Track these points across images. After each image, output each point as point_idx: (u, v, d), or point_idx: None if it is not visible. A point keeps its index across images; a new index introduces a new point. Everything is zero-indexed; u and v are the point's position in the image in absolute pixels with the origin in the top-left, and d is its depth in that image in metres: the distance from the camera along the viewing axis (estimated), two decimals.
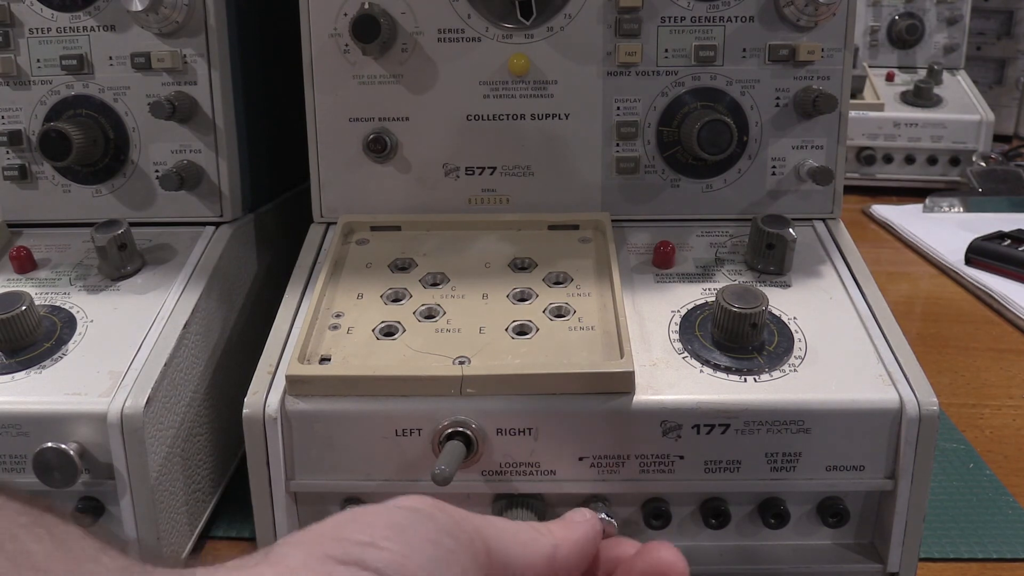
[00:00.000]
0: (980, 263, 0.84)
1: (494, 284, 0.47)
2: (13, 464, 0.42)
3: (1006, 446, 0.58)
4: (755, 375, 0.41)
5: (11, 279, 0.50)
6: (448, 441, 0.39)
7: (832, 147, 0.53)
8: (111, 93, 0.53)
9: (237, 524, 0.49)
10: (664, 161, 0.53)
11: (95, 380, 0.43)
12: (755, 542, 0.44)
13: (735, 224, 0.53)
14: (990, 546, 0.48)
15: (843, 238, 0.52)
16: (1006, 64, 1.27)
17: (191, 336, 0.47)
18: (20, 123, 0.53)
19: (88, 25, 0.52)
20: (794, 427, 0.40)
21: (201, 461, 0.48)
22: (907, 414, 0.40)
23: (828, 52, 0.51)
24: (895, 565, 0.42)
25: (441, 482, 0.36)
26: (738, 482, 0.41)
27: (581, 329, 0.44)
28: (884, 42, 1.15)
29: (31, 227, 0.55)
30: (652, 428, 0.40)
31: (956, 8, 1.14)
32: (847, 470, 0.41)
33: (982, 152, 1.08)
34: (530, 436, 0.40)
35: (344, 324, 0.44)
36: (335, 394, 0.40)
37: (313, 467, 0.41)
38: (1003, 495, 0.52)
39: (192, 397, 0.47)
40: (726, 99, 0.52)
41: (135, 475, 0.42)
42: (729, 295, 0.42)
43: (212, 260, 0.51)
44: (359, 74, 0.51)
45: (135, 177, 0.54)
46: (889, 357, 0.43)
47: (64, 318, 0.47)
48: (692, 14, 0.51)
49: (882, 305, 0.46)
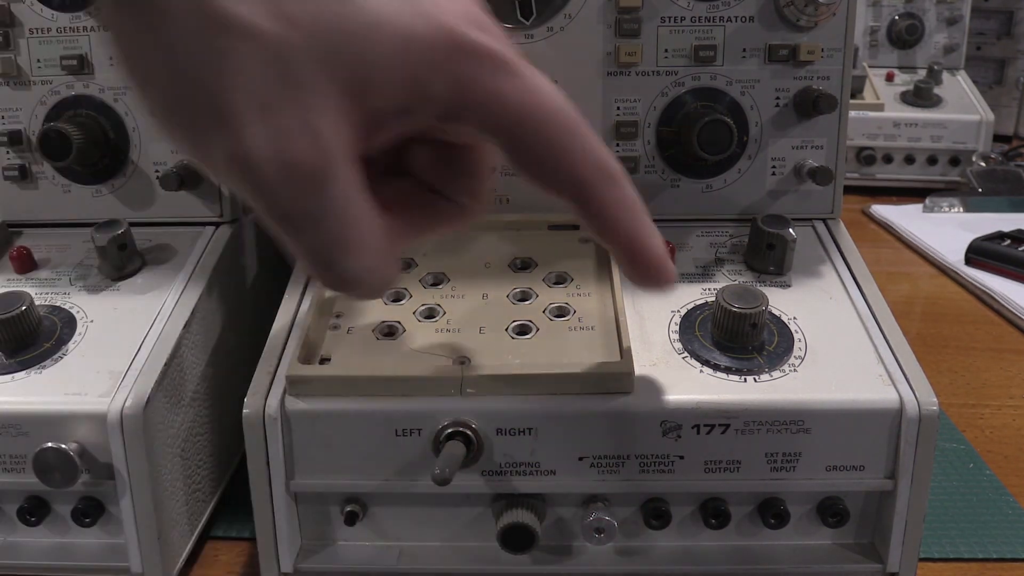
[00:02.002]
0: (980, 263, 0.84)
1: (494, 284, 0.47)
2: (13, 464, 0.42)
3: (1006, 446, 0.58)
4: (755, 375, 0.41)
5: (11, 279, 0.50)
6: (448, 441, 0.39)
7: (832, 147, 0.53)
8: (111, 93, 0.53)
9: (237, 524, 0.50)
10: (664, 161, 0.53)
11: (95, 380, 0.43)
12: (755, 542, 0.44)
13: (735, 224, 0.53)
14: (990, 546, 0.48)
15: (843, 238, 0.52)
16: (1006, 64, 1.27)
17: (191, 336, 0.47)
18: (20, 123, 0.53)
19: (88, 25, 0.52)
20: (794, 427, 0.40)
21: (201, 461, 0.48)
22: (907, 414, 0.40)
23: (828, 52, 0.51)
24: (895, 565, 0.42)
25: (441, 482, 0.36)
26: (738, 482, 0.42)
27: (581, 329, 0.44)
28: (884, 42, 1.15)
29: (31, 227, 0.55)
30: (652, 428, 0.40)
31: (956, 8, 1.14)
32: (847, 470, 0.41)
33: (982, 152, 1.08)
34: (530, 436, 0.40)
35: (344, 324, 0.44)
36: (335, 394, 0.40)
37: (313, 467, 0.41)
38: (1003, 495, 0.52)
39: (192, 397, 0.47)
40: (726, 99, 0.52)
41: (135, 475, 0.42)
42: (729, 295, 0.42)
43: (212, 260, 0.51)
44: None
45: (135, 177, 0.54)
46: (889, 357, 0.43)
47: (64, 318, 0.47)
48: (692, 14, 0.51)
49: (882, 305, 0.46)
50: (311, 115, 0.27)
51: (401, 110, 0.29)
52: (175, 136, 0.28)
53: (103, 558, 0.44)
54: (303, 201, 0.28)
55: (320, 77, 0.26)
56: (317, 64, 0.26)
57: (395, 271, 0.32)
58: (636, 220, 0.34)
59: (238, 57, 0.26)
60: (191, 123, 0.27)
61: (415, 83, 0.28)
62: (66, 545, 0.45)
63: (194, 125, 0.27)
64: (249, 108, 0.26)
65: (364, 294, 0.33)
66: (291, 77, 0.26)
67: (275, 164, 0.27)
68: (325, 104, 0.27)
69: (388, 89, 0.28)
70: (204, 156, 0.28)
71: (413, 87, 0.28)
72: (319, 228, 0.28)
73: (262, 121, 0.26)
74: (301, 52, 0.26)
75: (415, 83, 0.28)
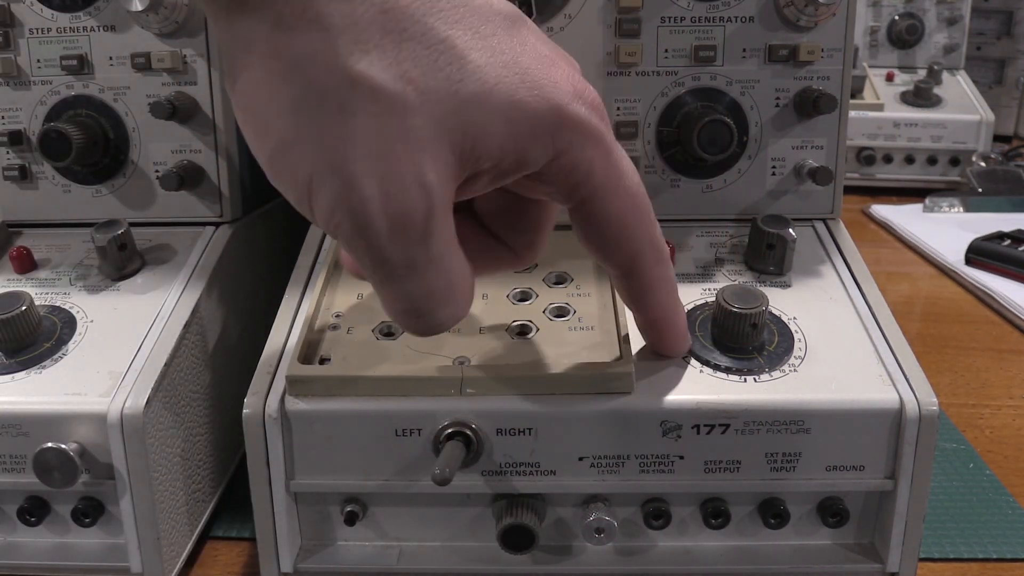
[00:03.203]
0: (980, 263, 0.84)
1: (494, 284, 0.47)
2: (13, 464, 0.42)
3: (1006, 446, 0.58)
4: (755, 375, 0.41)
5: (11, 279, 0.50)
6: (448, 441, 0.39)
7: (832, 147, 0.53)
8: (111, 93, 0.53)
9: (237, 524, 0.50)
10: (664, 161, 0.53)
11: (95, 380, 0.43)
12: (755, 542, 0.44)
13: (735, 224, 0.53)
14: (990, 546, 0.48)
15: (843, 238, 0.52)
16: (1006, 64, 1.27)
17: (191, 336, 0.47)
18: (20, 123, 0.53)
19: (88, 25, 0.52)
20: (794, 427, 0.40)
21: (201, 461, 0.48)
22: (907, 414, 0.40)
23: (828, 52, 0.51)
24: (895, 565, 0.42)
25: (441, 482, 0.36)
26: (738, 482, 0.42)
27: (581, 329, 0.44)
28: (884, 42, 1.15)
29: (31, 227, 0.55)
30: (652, 428, 0.40)
31: (956, 8, 1.14)
32: (847, 470, 0.41)
33: (982, 152, 1.08)
34: (530, 436, 0.40)
35: (344, 324, 0.44)
36: (335, 394, 0.40)
37: (313, 467, 0.41)
38: (1003, 495, 0.52)
39: (192, 397, 0.47)
40: (726, 99, 0.52)
41: (135, 475, 0.42)
42: (729, 295, 0.42)
43: (212, 260, 0.51)
44: None
45: (135, 177, 0.54)
46: (889, 357, 0.43)
47: (64, 318, 0.47)
48: (692, 14, 0.51)
49: (882, 305, 0.46)
50: (423, 170, 0.28)
51: (498, 170, 0.31)
52: (283, 180, 0.30)
53: (103, 558, 0.44)
54: (408, 250, 0.29)
55: (433, 136, 0.28)
56: (432, 124, 0.28)
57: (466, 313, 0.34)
58: (672, 299, 0.38)
59: (363, 112, 0.28)
60: (306, 168, 0.29)
61: (517, 148, 0.30)
62: (66, 545, 0.45)
63: (308, 170, 0.28)
64: (367, 159, 0.28)
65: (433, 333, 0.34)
66: (407, 133, 0.28)
67: (386, 213, 0.28)
68: (436, 161, 0.29)
69: (493, 151, 0.30)
70: (308, 200, 0.29)
71: (515, 152, 0.30)
72: (418, 277, 0.30)
73: (377, 172, 0.28)
74: (418, 112, 0.28)
75: (517, 148, 0.30)
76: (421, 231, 0.29)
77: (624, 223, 0.34)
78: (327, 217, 0.29)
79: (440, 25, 0.29)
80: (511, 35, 0.30)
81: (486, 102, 0.29)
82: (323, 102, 0.28)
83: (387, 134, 0.28)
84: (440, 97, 0.28)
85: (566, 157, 0.31)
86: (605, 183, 0.32)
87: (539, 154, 0.31)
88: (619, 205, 0.33)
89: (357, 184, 0.28)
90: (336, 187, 0.28)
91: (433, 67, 0.28)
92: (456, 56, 0.29)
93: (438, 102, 0.28)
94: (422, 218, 0.29)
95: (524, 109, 0.30)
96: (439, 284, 0.31)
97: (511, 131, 0.30)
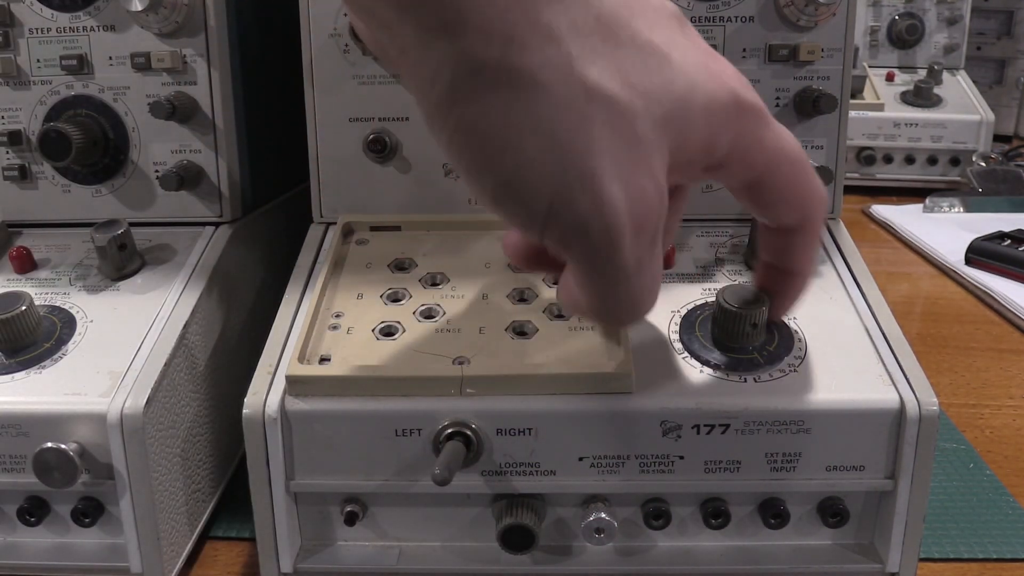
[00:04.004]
0: (980, 263, 0.84)
1: (494, 284, 0.47)
2: (13, 464, 0.42)
3: (1006, 446, 0.58)
4: (755, 375, 0.41)
5: (11, 279, 0.50)
6: (448, 441, 0.39)
7: (832, 147, 0.53)
8: (111, 93, 0.53)
9: (237, 524, 0.49)
10: None
11: (95, 380, 0.43)
12: (755, 542, 0.44)
13: (735, 224, 0.53)
14: (990, 546, 0.48)
15: (843, 238, 0.52)
16: (1006, 64, 1.27)
17: (191, 336, 0.47)
18: (20, 123, 0.53)
19: (88, 25, 0.52)
20: (794, 427, 0.40)
21: (201, 461, 0.48)
22: (907, 414, 0.40)
23: (828, 52, 0.51)
24: (895, 565, 0.42)
25: (441, 483, 0.36)
26: (738, 482, 0.42)
27: (581, 329, 0.44)
28: (884, 42, 1.15)
29: (31, 227, 0.55)
30: (652, 428, 0.40)
31: (956, 8, 1.14)
32: (847, 470, 0.41)
33: (982, 152, 1.08)
34: (530, 436, 0.40)
35: (344, 324, 0.44)
36: (335, 394, 0.40)
37: (313, 467, 0.41)
38: (1003, 495, 0.52)
39: (192, 397, 0.47)
40: None
41: (135, 475, 0.42)
42: (729, 295, 0.42)
43: (212, 260, 0.51)
44: (359, 74, 0.51)
45: (135, 177, 0.54)
46: (889, 357, 0.43)
47: (64, 318, 0.47)
48: (692, 14, 0.51)
49: (882, 305, 0.46)
50: (655, 172, 0.29)
51: (689, 163, 0.31)
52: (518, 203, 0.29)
53: (103, 558, 0.44)
54: (642, 251, 0.30)
55: (656, 138, 0.29)
56: (655, 126, 0.29)
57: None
58: (817, 253, 0.39)
59: (600, 121, 0.28)
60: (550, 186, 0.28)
61: (710, 138, 0.31)
62: (66, 545, 0.45)
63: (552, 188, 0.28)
64: (610, 167, 0.28)
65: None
66: (638, 138, 0.29)
67: (632, 218, 0.29)
68: (662, 161, 0.30)
69: (695, 145, 0.31)
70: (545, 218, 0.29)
71: (707, 142, 0.31)
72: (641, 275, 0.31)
73: (621, 178, 0.28)
74: (644, 115, 0.29)
75: (710, 138, 0.31)
76: (654, 231, 0.30)
77: (798, 184, 0.34)
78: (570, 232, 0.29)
79: (643, 27, 0.29)
80: (684, 32, 0.32)
81: (692, 100, 0.30)
82: (565, 116, 0.28)
83: (623, 140, 0.28)
84: (658, 99, 0.29)
85: (744, 141, 0.32)
86: (777, 155, 0.33)
87: (725, 141, 0.32)
88: (789, 170, 0.34)
89: (606, 193, 0.28)
90: (586, 200, 0.28)
91: (647, 70, 0.29)
92: (663, 57, 0.29)
93: (658, 104, 0.29)
94: (658, 218, 0.30)
95: (717, 101, 0.31)
96: (655, 279, 0.32)
97: (708, 123, 0.30)
